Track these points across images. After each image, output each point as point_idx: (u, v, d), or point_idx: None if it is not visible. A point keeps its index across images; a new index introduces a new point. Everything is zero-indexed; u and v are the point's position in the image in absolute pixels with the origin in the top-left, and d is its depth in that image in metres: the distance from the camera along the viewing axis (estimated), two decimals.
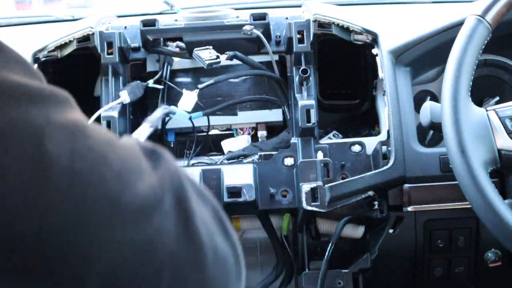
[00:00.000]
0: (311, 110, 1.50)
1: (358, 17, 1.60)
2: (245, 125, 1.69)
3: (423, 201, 1.49)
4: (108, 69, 1.55)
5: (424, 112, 1.36)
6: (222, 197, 1.47)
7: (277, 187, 1.50)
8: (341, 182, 1.46)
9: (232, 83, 1.72)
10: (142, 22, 1.57)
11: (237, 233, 1.70)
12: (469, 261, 1.60)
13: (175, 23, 1.59)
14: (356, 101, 1.76)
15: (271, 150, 1.57)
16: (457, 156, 1.23)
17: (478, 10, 1.31)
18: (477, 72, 1.37)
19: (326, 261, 1.51)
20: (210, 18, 1.58)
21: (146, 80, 1.68)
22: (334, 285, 1.52)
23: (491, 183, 1.23)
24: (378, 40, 1.54)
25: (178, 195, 0.60)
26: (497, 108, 1.31)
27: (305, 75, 1.53)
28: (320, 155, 1.50)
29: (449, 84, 1.27)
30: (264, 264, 1.75)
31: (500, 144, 1.27)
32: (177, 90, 1.66)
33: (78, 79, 1.75)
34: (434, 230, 1.55)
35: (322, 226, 1.62)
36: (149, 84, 1.62)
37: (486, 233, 1.45)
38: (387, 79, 1.51)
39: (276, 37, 1.60)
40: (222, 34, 1.57)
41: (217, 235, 0.64)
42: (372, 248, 1.56)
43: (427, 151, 1.50)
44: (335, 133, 1.68)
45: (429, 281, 1.63)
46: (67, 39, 1.55)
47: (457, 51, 1.29)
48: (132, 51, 1.61)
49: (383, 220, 1.52)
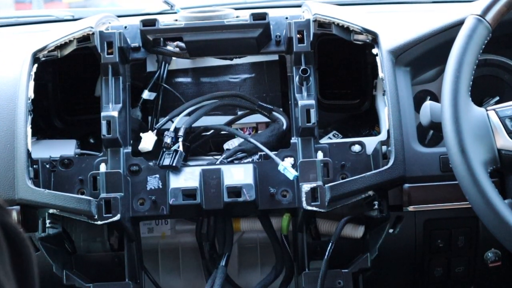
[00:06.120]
0: (311, 110, 1.50)
1: (358, 17, 1.60)
2: (245, 125, 1.69)
3: (423, 201, 1.49)
4: (108, 69, 1.56)
5: (424, 112, 1.36)
6: (222, 197, 1.47)
7: (277, 187, 1.50)
8: (341, 182, 1.46)
9: (232, 83, 1.72)
10: (142, 22, 1.57)
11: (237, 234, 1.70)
12: (469, 261, 1.61)
13: (175, 23, 1.59)
14: (356, 101, 1.76)
15: (267, 140, 1.57)
16: (457, 156, 1.23)
17: (478, 10, 1.31)
18: (477, 72, 1.37)
19: (326, 261, 1.51)
20: (210, 18, 1.58)
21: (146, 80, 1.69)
22: (334, 285, 1.52)
23: (491, 183, 1.23)
24: (378, 40, 1.54)
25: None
26: (497, 108, 1.31)
27: (305, 75, 1.53)
28: (320, 155, 1.50)
29: (449, 84, 1.27)
30: (264, 264, 1.75)
31: (500, 144, 1.27)
32: (173, 93, 1.66)
33: (78, 79, 1.76)
34: (434, 230, 1.55)
35: (322, 226, 1.62)
36: (144, 96, 1.65)
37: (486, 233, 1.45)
38: (387, 79, 1.51)
39: (276, 37, 1.60)
40: (222, 34, 1.57)
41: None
42: (372, 248, 1.56)
43: (427, 151, 1.50)
44: (335, 133, 1.68)
45: (429, 281, 1.63)
46: (67, 39, 1.55)
47: (457, 51, 1.29)
48: (132, 51, 1.62)
49: (383, 220, 1.52)
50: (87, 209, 1.44)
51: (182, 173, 1.50)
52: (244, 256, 1.77)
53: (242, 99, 1.64)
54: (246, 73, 1.73)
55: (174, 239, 1.74)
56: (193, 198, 1.47)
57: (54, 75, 1.74)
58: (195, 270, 1.77)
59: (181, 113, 1.59)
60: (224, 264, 1.59)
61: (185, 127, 1.55)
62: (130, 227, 1.51)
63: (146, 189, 1.51)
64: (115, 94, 1.56)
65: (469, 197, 1.24)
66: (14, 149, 1.48)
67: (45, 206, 1.46)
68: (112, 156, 1.52)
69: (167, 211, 1.50)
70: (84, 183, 1.51)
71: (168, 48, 1.60)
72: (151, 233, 1.72)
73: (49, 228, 1.48)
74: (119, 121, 1.51)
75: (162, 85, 1.68)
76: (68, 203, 1.44)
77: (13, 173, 1.47)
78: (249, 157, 1.57)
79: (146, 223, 1.71)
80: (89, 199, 1.44)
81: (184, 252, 1.76)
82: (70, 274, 1.53)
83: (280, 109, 1.64)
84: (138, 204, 1.50)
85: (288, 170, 1.46)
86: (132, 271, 1.56)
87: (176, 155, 1.50)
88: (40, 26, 2.09)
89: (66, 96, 1.76)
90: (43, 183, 1.50)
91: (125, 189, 1.49)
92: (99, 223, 1.44)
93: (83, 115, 1.76)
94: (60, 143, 1.64)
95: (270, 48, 1.61)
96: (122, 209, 1.45)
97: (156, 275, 1.74)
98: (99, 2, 4.05)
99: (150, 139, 1.55)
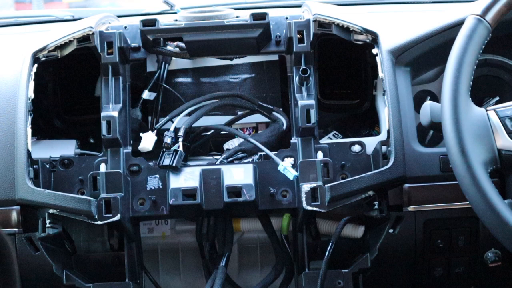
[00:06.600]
0: (311, 110, 1.50)
1: (358, 17, 1.60)
2: (245, 125, 1.69)
3: (423, 201, 1.49)
4: (108, 69, 1.56)
5: (424, 112, 1.36)
6: (222, 197, 1.47)
7: (277, 187, 1.50)
8: (341, 182, 1.46)
9: (232, 83, 1.72)
10: (142, 22, 1.57)
11: (237, 234, 1.70)
12: (469, 261, 1.60)
13: (175, 23, 1.59)
14: (356, 101, 1.76)
15: (267, 140, 1.57)
16: (457, 156, 1.23)
17: (478, 10, 1.31)
18: (477, 72, 1.37)
19: (326, 261, 1.51)
20: (210, 18, 1.58)
21: (146, 80, 1.69)
22: (334, 285, 1.52)
23: (491, 183, 1.23)
24: (378, 40, 1.54)
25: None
26: (497, 108, 1.31)
27: (305, 75, 1.53)
28: (320, 155, 1.51)
29: (449, 84, 1.27)
30: (264, 264, 1.75)
31: (500, 144, 1.27)
32: (173, 93, 1.67)
33: (78, 79, 1.76)
34: (434, 230, 1.55)
35: (322, 226, 1.62)
36: (144, 97, 1.65)
37: (486, 233, 1.45)
38: (387, 79, 1.51)
39: (276, 37, 1.60)
40: (222, 34, 1.57)
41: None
42: (372, 248, 1.56)
43: (427, 151, 1.50)
44: (335, 133, 1.68)
45: (429, 281, 1.63)
46: (67, 39, 1.55)
47: (457, 51, 1.29)
48: (132, 51, 1.62)
49: (383, 220, 1.52)
50: (87, 209, 1.44)
51: (182, 173, 1.50)
52: (244, 256, 1.77)
53: (242, 99, 1.64)
54: (246, 73, 1.73)
55: (174, 239, 1.74)
56: (193, 198, 1.47)
57: (54, 75, 1.74)
58: (195, 270, 1.77)
59: (181, 113, 1.59)
60: (224, 264, 1.59)
61: (185, 127, 1.55)
62: (130, 227, 1.51)
63: (146, 189, 1.51)
64: (115, 94, 1.56)
65: (469, 197, 1.23)
66: (14, 149, 1.48)
67: (45, 206, 1.46)
68: (112, 156, 1.52)
69: (167, 211, 1.50)
70: (84, 183, 1.51)
71: (168, 48, 1.60)
72: (151, 233, 1.72)
73: (49, 228, 1.48)
74: (119, 121, 1.51)
75: (162, 85, 1.68)
76: (68, 203, 1.44)
77: (13, 173, 1.47)
78: (249, 157, 1.57)
79: (146, 223, 1.71)
80: (89, 199, 1.44)
81: (184, 252, 1.76)
82: (70, 274, 1.53)
83: (280, 109, 1.64)
84: (138, 204, 1.50)
85: (288, 170, 1.46)
86: (132, 271, 1.56)
87: (176, 155, 1.50)
88: (40, 26, 2.09)
89: (66, 96, 1.76)
90: (43, 183, 1.50)
91: (125, 189, 1.49)
92: (99, 223, 1.44)
93: (83, 115, 1.76)
94: (60, 143, 1.64)
95: (270, 48, 1.61)
96: (122, 209, 1.45)
97: (156, 275, 1.74)
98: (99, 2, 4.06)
99: (150, 139, 1.55)
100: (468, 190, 1.23)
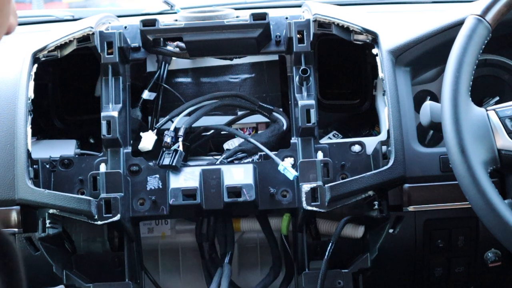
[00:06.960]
0: (311, 110, 1.50)
1: (358, 17, 1.60)
2: (245, 125, 1.69)
3: (423, 201, 1.49)
4: (108, 69, 1.56)
5: (424, 112, 1.36)
6: (222, 197, 1.47)
7: (277, 187, 1.50)
8: (341, 182, 1.46)
9: (232, 83, 1.72)
10: (142, 22, 1.57)
11: (237, 234, 1.70)
12: (469, 261, 1.60)
13: (175, 23, 1.59)
14: (356, 101, 1.76)
15: (267, 140, 1.57)
16: (457, 156, 1.23)
17: (478, 10, 1.31)
18: (477, 72, 1.37)
19: (326, 261, 1.51)
20: (210, 18, 1.58)
21: (146, 80, 1.69)
22: (334, 285, 1.52)
23: (491, 183, 1.23)
24: (378, 40, 1.54)
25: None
26: (497, 108, 1.31)
27: (305, 75, 1.53)
28: (320, 155, 1.50)
29: (449, 84, 1.27)
30: (264, 264, 1.75)
31: (500, 144, 1.27)
32: (173, 93, 1.66)
33: (78, 79, 1.76)
34: (434, 230, 1.55)
35: (322, 226, 1.62)
36: (144, 97, 1.65)
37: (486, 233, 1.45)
38: (387, 79, 1.51)
39: (276, 37, 1.60)
40: (222, 34, 1.57)
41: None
42: (372, 248, 1.56)
43: (427, 151, 1.50)
44: (335, 133, 1.68)
45: (429, 281, 1.63)
46: (67, 39, 1.55)
47: (457, 51, 1.29)
48: (132, 51, 1.62)
49: (383, 220, 1.52)
50: (87, 209, 1.44)
51: (182, 173, 1.50)
52: (244, 256, 1.77)
53: (242, 99, 1.64)
54: (246, 73, 1.73)
55: (174, 239, 1.74)
56: (193, 198, 1.47)
57: (54, 75, 1.74)
58: (195, 270, 1.77)
59: (181, 113, 1.59)
60: (228, 261, 1.60)
61: (185, 127, 1.55)
62: (130, 227, 1.51)
63: (146, 189, 1.51)
64: (115, 94, 1.56)
65: (469, 197, 1.23)
66: (14, 149, 1.48)
67: (45, 206, 1.46)
68: (112, 156, 1.52)
69: (167, 211, 1.50)
70: (84, 183, 1.51)
71: (168, 48, 1.60)
72: (151, 233, 1.72)
73: (49, 228, 1.48)
74: (119, 121, 1.51)
75: (162, 85, 1.68)
76: (68, 203, 1.44)
77: (13, 173, 1.47)
78: (249, 157, 1.57)
79: (146, 223, 1.71)
80: (89, 199, 1.44)
81: (184, 252, 1.76)
82: (70, 274, 1.53)
83: (280, 109, 1.64)
84: (138, 204, 1.50)
85: (288, 170, 1.46)
86: (132, 271, 1.56)
87: (176, 154, 1.50)
88: (40, 26, 2.09)
89: (66, 96, 1.76)
90: (43, 183, 1.50)
91: (125, 189, 1.49)
92: (99, 223, 1.44)
93: (83, 115, 1.76)
94: (60, 143, 1.64)
95: (270, 48, 1.61)
96: (122, 209, 1.45)
97: (156, 275, 1.74)
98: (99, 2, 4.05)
99: (150, 139, 1.55)
100: (468, 190, 1.23)
